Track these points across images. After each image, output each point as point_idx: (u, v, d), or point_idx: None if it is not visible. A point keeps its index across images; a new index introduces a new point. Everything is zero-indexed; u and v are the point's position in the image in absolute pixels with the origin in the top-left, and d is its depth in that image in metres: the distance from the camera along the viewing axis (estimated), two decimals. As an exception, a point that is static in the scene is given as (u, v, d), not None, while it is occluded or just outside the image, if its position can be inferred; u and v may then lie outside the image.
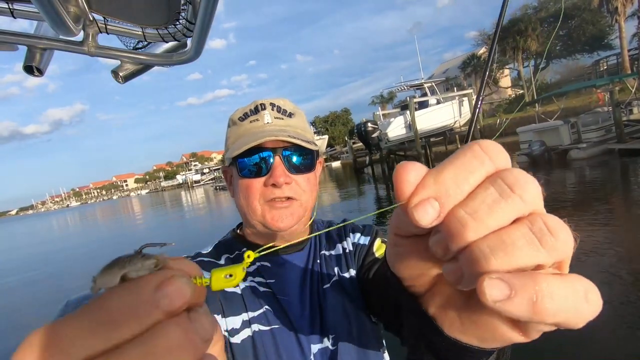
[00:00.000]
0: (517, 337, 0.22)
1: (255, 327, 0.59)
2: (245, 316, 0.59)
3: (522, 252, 0.19)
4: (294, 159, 0.62)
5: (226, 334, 0.57)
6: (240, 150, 0.59)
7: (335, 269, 0.67)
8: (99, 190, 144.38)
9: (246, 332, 0.58)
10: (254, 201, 0.61)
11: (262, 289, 0.63)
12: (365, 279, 0.64)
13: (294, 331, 0.60)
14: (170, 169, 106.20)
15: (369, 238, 0.72)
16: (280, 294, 0.62)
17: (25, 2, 0.56)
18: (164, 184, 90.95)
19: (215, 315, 0.57)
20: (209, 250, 0.70)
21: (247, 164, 0.61)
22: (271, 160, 0.60)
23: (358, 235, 0.73)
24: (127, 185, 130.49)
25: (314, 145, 0.63)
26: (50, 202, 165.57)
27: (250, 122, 0.64)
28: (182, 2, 0.63)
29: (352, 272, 0.68)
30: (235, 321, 0.59)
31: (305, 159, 0.63)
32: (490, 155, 0.21)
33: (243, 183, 0.62)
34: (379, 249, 0.69)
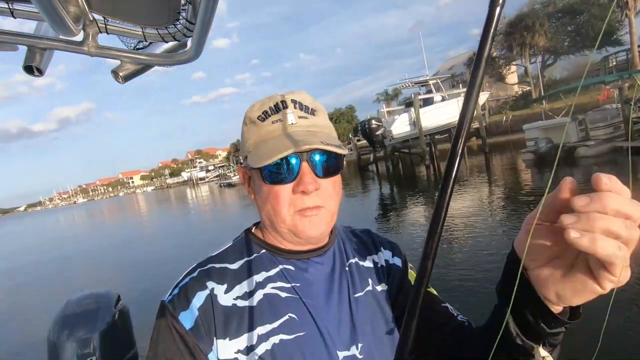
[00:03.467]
0: (597, 289, 0.36)
1: (276, 338, 0.56)
2: (261, 329, 0.56)
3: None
4: (322, 162, 0.58)
5: (239, 354, 0.55)
6: (271, 160, 0.54)
7: (369, 280, 0.67)
8: (105, 187, 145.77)
9: (264, 347, 0.56)
10: (282, 210, 0.58)
11: (284, 294, 0.60)
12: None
13: (321, 336, 0.58)
14: (175, 166, 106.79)
15: (400, 260, 0.71)
16: (306, 297, 0.60)
17: (25, 2, 0.56)
18: (169, 181, 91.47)
19: (222, 340, 0.55)
20: (221, 252, 0.66)
21: (272, 169, 0.57)
22: (299, 165, 0.57)
23: (389, 253, 0.72)
24: (133, 182, 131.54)
25: (343, 149, 0.58)
26: (58, 198, 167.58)
27: (273, 122, 0.59)
28: (182, 2, 0.63)
29: (385, 286, 0.67)
30: (250, 337, 0.56)
31: (333, 162, 0.60)
32: None
33: (269, 190, 0.59)
34: (412, 277, 0.70)
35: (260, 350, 0.55)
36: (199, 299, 0.57)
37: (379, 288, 0.67)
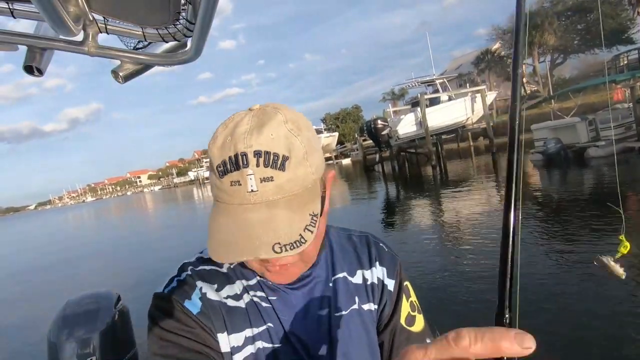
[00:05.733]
0: None
1: (259, 343, 0.56)
2: (249, 332, 0.56)
3: None
4: None
5: (233, 351, 0.55)
6: (219, 260, 0.48)
7: (356, 298, 0.63)
8: (113, 186, 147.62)
9: (249, 349, 0.56)
10: (249, 263, 0.56)
11: (264, 304, 0.59)
12: (386, 345, 0.63)
13: (295, 353, 0.57)
14: (182, 165, 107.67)
15: (394, 283, 0.65)
16: (281, 313, 0.58)
17: (25, 2, 0.56)
18: (176, 180, 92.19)
19: (219, 334, 0.55)
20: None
21: None
22: None
23: (382, 271, 0.65)
24: (140, 181, 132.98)
25: (311, 228, 0.48)
26: (67, 197, 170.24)
27: (231, 183, 0.48)
28: (182, 2, 0.62)
29: (372, 306, 0.64)
30: (238, 338, 0.56)
31: None
32: None
33: None
34: (403, 309, 0.65)
35: (246, 352, 0.55)
36: (197, 292, 0.57)
37: (365, 307, 0.63)
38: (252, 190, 0.47)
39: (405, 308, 0.65)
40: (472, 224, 6.69)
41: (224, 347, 0.54)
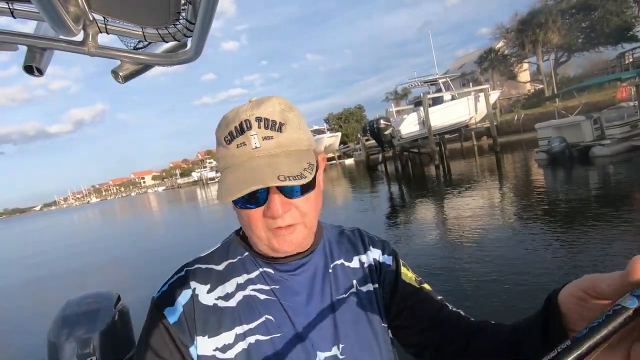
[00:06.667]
0: None
1: (252, 338, 0.59)
2: (239, 329, 0.59)
3: None
4: (290, 185, 0.57)
5: (217, 352, 0.58)
6: (232, 197, 0.54)
7: (354, 281, 0.67)
8: (117, 187, 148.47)
9: (240, 346, 0.58)
10: (256, 229, 0.59)
11: (263, 296, 0.62)
12: (404, 308, 0.66)
13: (298, 338, 0.59)
14: (186, 166, 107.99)
15: (391, 258, 0.71)
16: (285, 300, 0.61)
17: (25, 2, 0.56)
18: (179, 181, 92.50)
19: (202, 337, 0.58)
20: (208, 253, 0.68)
21: (240, 198, 0.56)
22: (266, 192, 0.57)
23: (378, 251, 0.71)
24: (144, 182, 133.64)
25: (307, 172, 0.54)
26: (72, 198, 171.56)
27: (237, 146, 0.56)
28: (182, 2, 0.62)
29: (371, 286, 0.68)
30: (228, 336, 0.59)
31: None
32: None
33: (242, 213, 0.60)
34: (405, 275, 0.70)
35: (237, 349, 0.58)
36: (184, 296, 0.61)
37: (363, 289, 0.67)
38: (256, 147, 0.56)
39: (410, 274, 0.71)
40: (475, 223, 6.66)
41: (204, 351, 0.58)
